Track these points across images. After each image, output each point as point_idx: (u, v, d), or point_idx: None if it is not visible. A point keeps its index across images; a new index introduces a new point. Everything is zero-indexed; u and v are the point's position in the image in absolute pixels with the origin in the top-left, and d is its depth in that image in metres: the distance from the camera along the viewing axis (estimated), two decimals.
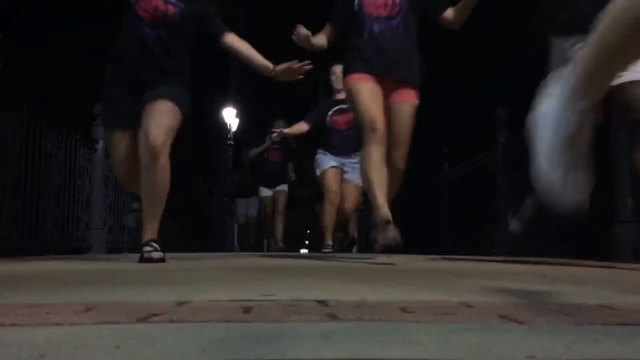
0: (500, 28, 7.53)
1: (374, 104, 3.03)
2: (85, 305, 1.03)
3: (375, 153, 2.96)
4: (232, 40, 3.06)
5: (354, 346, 0.72)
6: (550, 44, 2.23)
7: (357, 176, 4.66)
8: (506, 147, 5.30)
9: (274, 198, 7.50)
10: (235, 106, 14.41)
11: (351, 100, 3.17)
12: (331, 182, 5.29)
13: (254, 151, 7.69)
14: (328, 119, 5.24)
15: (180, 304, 1.06)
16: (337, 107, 5.20)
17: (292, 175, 7.89)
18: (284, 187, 7.51)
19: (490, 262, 3.15)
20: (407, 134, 3.15)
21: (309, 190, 8.43)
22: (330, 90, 5.47)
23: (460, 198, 6.55)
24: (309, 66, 2.98)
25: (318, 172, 5.43)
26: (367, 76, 3.07)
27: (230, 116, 14.19)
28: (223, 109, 14.32)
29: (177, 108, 2.88)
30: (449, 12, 3.10)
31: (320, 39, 3.21)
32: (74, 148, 5.03)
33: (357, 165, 4.48)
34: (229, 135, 13.87)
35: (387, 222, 2.78)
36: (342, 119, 5.18)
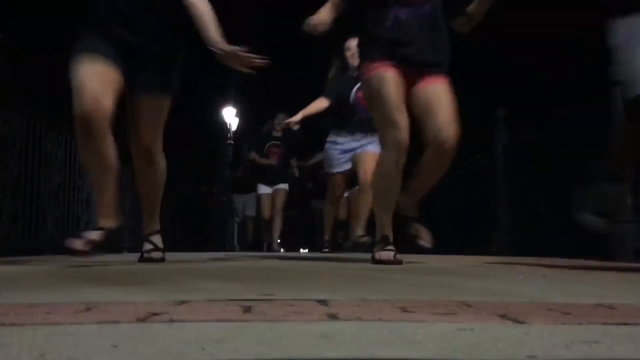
0: (501, 28, 7.54)
1: (400, 108, 2.69)
2: (85, 305, 1.03)
3: (393, 163, 2.70)
4: None
5: (354, 346, 0.72)
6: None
7: (375, 147, 4.31)
8: (506, 147, 5.31)
9: (272, 196, 7.43)
10: (235, 106, 14.44)
11: (370, 96, 2.81)
12: (335, 187, 5.26)
13: (255, 156, 7.53)
14: (353, 95, 4.94)
15: (180, 303, 1.06)
16: (359, 84, 4.68)
17: (296, 172, 7.84)
18: (284, 186, 7.41)
19: (490, 262, 3.15)
20: (451, 109, 2.74)
21: (310, 184, 8.41)
22: (345, 67, 5.05)
23: (460, 198, 6.55)
24: (264, 62, 2.61)
25: (326, 169, 5.37)
26: (388, 65, 2.72)
27: (230, 116, 14.22)
28: (223, 109, 14.35)
29: (167, 101, 2.77)
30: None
31: (325, 17, 2.88)
32: (73, 148, 5.03)
33: (376, 139, 4.12)
34: (229, 135, 13.89)
35: (386, 241, 2.71)
36: None
